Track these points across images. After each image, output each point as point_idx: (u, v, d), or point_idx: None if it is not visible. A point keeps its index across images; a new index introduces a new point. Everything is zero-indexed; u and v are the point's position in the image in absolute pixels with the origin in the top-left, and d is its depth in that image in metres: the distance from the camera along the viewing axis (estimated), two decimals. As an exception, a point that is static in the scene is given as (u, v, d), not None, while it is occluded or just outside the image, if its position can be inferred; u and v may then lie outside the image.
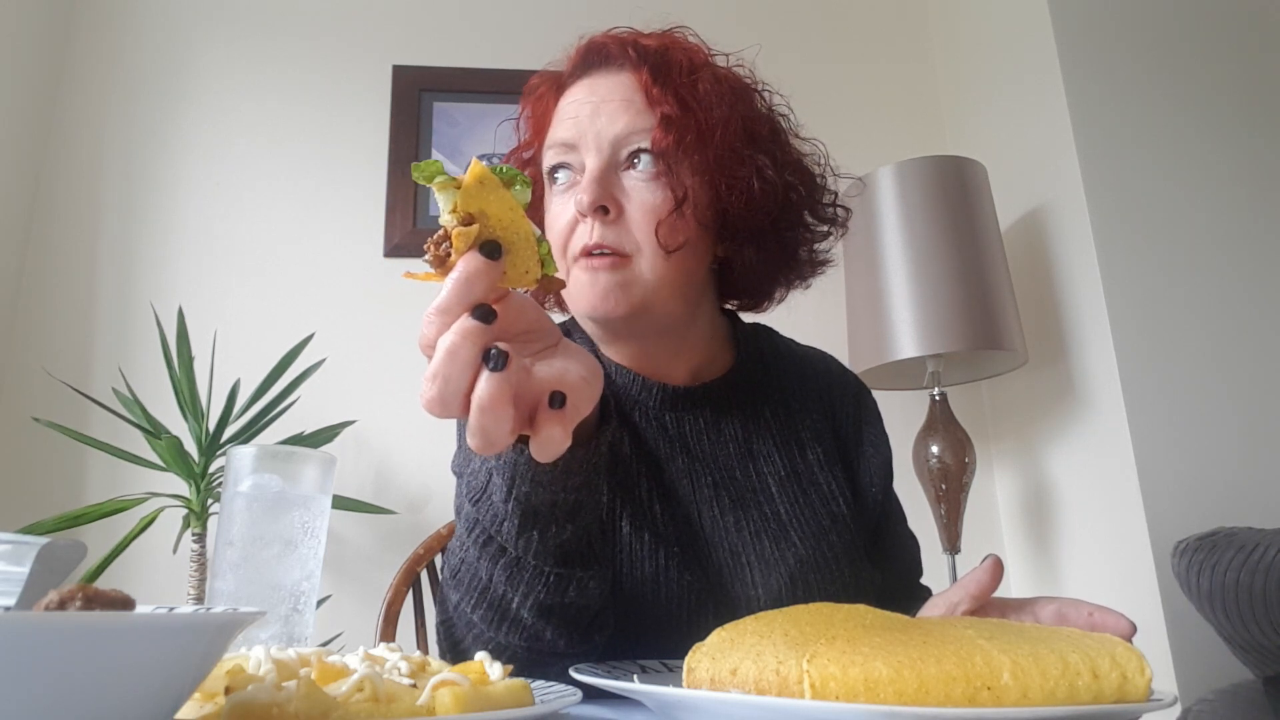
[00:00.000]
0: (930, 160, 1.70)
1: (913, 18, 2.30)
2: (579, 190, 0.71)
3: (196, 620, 0.31)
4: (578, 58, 0.80)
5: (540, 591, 0.57)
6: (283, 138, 2.01)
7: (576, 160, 0.74)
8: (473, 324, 0.41)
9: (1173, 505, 1.46)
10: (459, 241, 0.41)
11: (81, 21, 2.03)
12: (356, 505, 1.61)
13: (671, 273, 0.72)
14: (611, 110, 0.73)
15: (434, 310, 0.42)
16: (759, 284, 0.84)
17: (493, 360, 0.41)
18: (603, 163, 0.72)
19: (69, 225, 1.89)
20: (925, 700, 0.36)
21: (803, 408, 0.84)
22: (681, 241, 0.72)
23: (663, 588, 0.70)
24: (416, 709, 0.37)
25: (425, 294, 0.41)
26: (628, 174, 0.73)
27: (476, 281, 0.41)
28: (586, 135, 0.73)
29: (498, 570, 0.58)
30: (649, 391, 0.79)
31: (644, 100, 0.73)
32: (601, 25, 0.85)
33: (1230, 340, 1.58)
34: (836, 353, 1.62)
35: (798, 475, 0.80)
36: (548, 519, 0.54)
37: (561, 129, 0.76)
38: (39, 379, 1.77)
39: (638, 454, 0.77)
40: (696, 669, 0.44)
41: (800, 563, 0.74)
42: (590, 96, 0.75)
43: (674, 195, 0.71)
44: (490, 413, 0.41)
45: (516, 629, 0.60)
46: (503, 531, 0.56)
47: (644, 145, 0.72)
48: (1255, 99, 1.73)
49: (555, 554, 0.56)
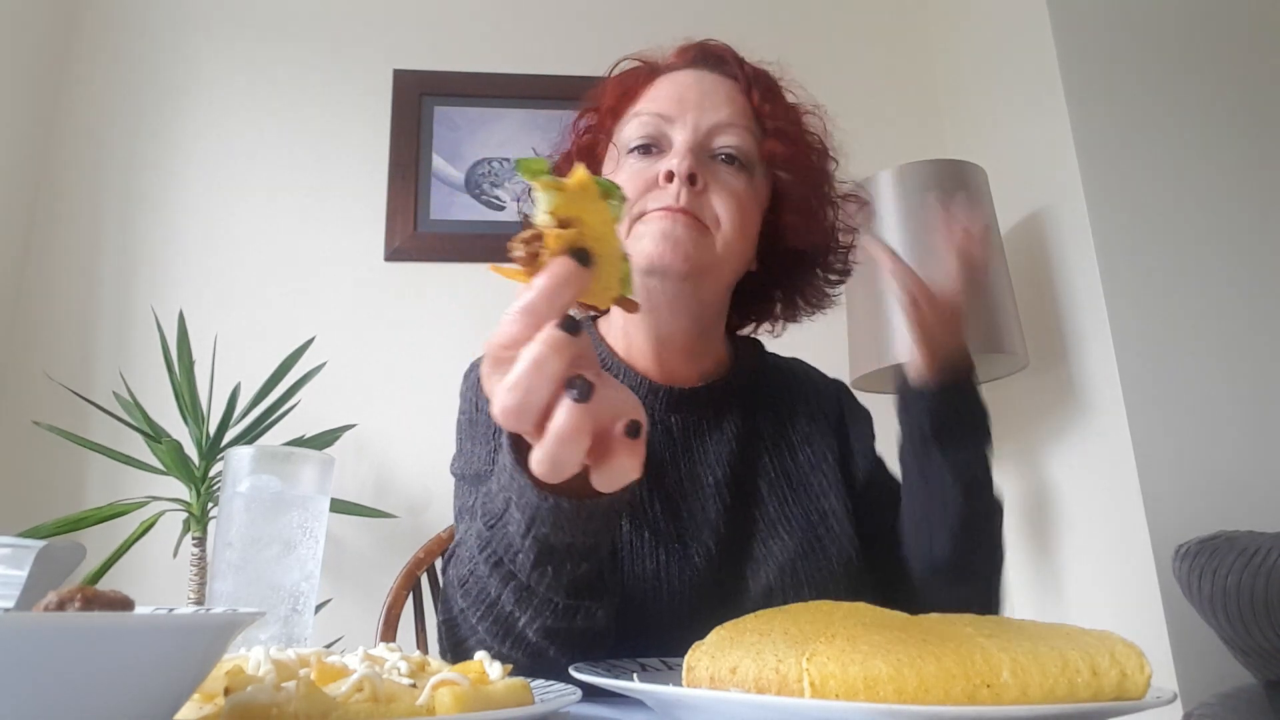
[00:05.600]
0: (930, 164, 1.70)
1: (913, 21, 2.30)
2: (673, 156, 0.75)
3: (196, 621, 0.31)
4: (689, 53, 0.84)
5: (548, 618, 0.57)
6: (284, 141, 2.01)
7: (665, 132, 0.78)
8: (561, 335, 0.39)
9: (1174, 509, 1.46)
10: (554, 242, 0.40)
11: (83, 27, 2.03)
12: (356, 509, 1.60)
13: (735, 255, 0.77)
14: (716, 101, 0.78)
15: (520, 310, 0.40)
16: (762, 308, 0.92)
17: (578, 390, 0.39)
18: (695, 142, 0.76)
19: (70, 229, 1.90)
20: (925, 698, 0.36)
21: (791, 413, 0.87)
22: (751, 233, 0.78)
23: (663, 585, 0.71)
24: (416, 709, 0.37)
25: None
26: (715, 161, 0.77)
27: (567, 286, 0.40)
28: (687, 113, 0.77)
29: (507, 591, 0.57)
30: (655, 394, 0.81)
31: (745, 106, 0.79)
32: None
33: (1231, 343, 1.58)
34: (837, 356, 1.61)
35: (788, 476, 0.82)
36: (563, 557, 0.53)
37: (659, 101, 0.79)
38: (40, 383, 1.77)
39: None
40: (696, 667, 0.44)
41: (788, 555, 0.76)
42: (698, 84, 0.80)
43: (755, 192, 0.78)
44: (569, 444, 0.40)
45: (520, 645, 0.60)
46: (516, 562, 0.55)
47: (737, 140, 0.77)
48: (1255, 102, 1.73)
49: (568, 588, 0.56)
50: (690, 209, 0.73)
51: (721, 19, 2.20)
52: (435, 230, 1.98)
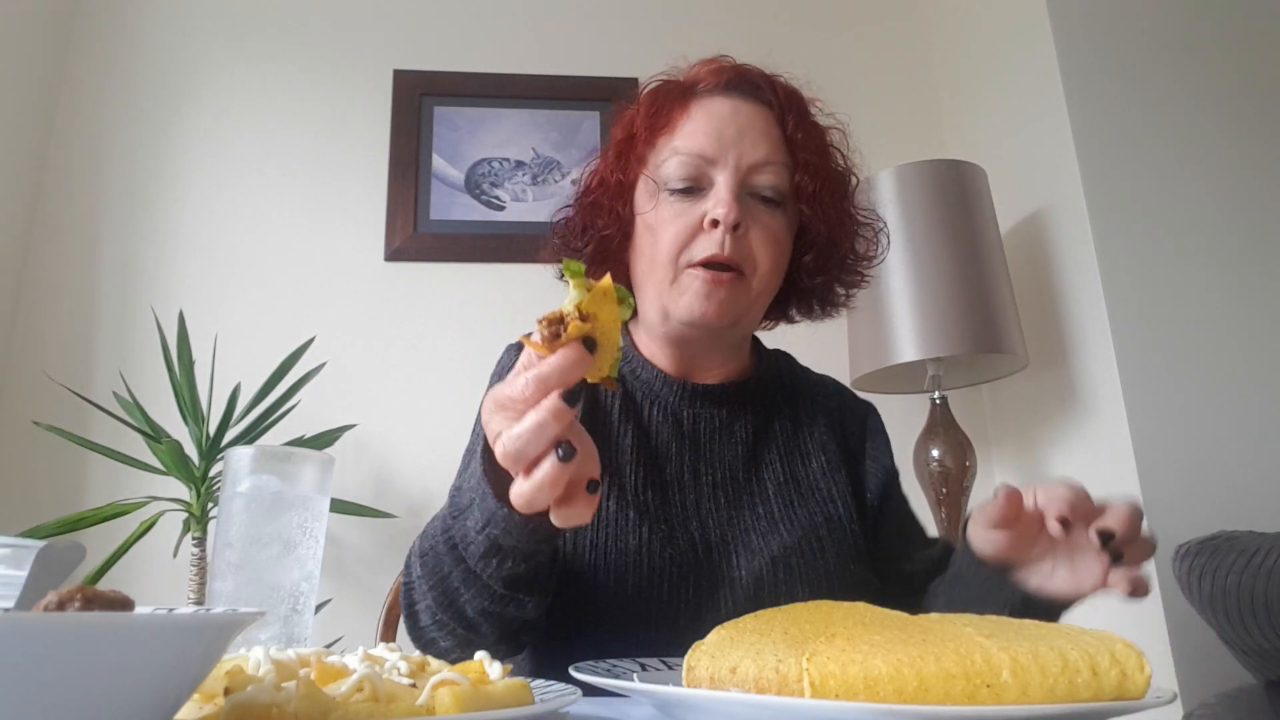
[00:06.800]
0: (930, 164, 1.70)
1: (912, 22, 2.30)
2: (718, 204, 0.77)
3: (195, 621, 0.31)
4: (724, 75, 0.85)
5: (486, 601, 0.64)
6: (284, 142, 2.01)
7: (706, 172, 0.80)
8: (562, 407, 0.48)
9: (1174, 509, 1.46)
10: (574, 330, 0.48)
11: (83, 27, 2.03)
12: (356, 509, 1.60)
13: (769, 291, 0.82)
14: (754, 137, 0.81)
15: (535, 377, 0.49)
16: (779, 313, 0.94)
17: (563, 452, 0.48)
18: (737, 183, 0.79)
19: (70, 229, 1.90)
20: (925, 698, 0.36)
21: (811, 423, 0.89)
22: (783, 265, 0.82)
23: (645, 560, 0.74)
24: (416, 709, 0.37)
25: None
26: (752, 199, 0.80)
27: (576, 368, 0.48)
28: (728, 154, 0.79)
29: (457, 571, 0.64)
30: (671, 388, 0.85)
31: (780, 138, 0.82)
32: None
33: (1231, 343, 1.58)
34: (838, 357, 1.61)
35: (797, 481, 0.84)
36: (506, 554, 0.61)
37: (699, 139, 0.81)
38: (40, 383, 1.77)
39: (637, 443, 0.82)
40: (696, 667, 0.44)
41: (784, 549, 0.77)
42: (735, 118, 0.81)
43: (789, 225, 0.82)
44: (546, 490, 0.49)
45: (459, 618, 0.66)
46: (469, 550, 0.62)
47: (774, 180, 0.80)
48: (1255, 102, 1.73)
49: (505, 580, 0.62)
50: (734, 257, 0.77)
51: (723, 20, 2.20)
52: (435, 230, 1.98)
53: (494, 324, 1.92)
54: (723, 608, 0.74)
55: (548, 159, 2.07)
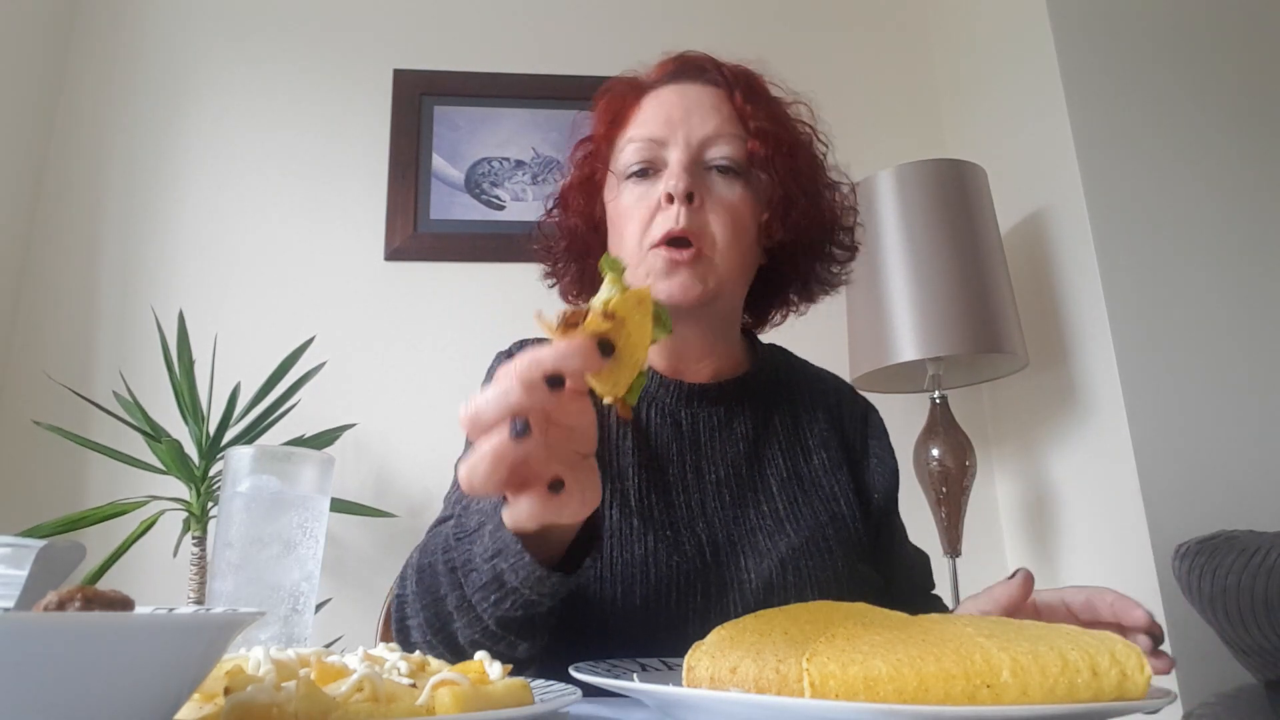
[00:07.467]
0: (930, 164, 1.70)
1: (912, 22, 2.30)
2: (669, 177, 0.79)
3: (195, 621, 0.31)
4: (669, 66, 0.87)
5: (477, 634, 0.61)
6: (284, 141, 2.01)
7: (659, 154, 0.81)
8: (535, 380, 0.43)
9: (1173, 508, 1.46)
10: (591, 324, 0.44)
11: (83, 27, 2.03)
12: (357, 508, 1.60)
13: (737, 266, 0.81)
14: (703, 113, 0.81)
15: (532, 359, 0.44)
16: (771, 299, 0.93)
17: (517, 428, 0.44)
18: (690, 158, 0.79)
19: (70, 228, 1.90)
20: (925, 698, 0.36)
21: (811, 418, 0.89)
22: (748, 238, 0.81)
23: (651, 569, 0.73)
24: (416, 709, 0.37)
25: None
26: (709, 173, 0.80)
27: (577, 358, 0.43)
28: (677, 132, 0.80)
29: (452, 595, 0.61)
30: (667, 389, 0.84)
31: (731, 112, 0.82)
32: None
33: (1231, 343, 1.58)
34: (838, 356, 1.62)
35: (800, 478, 0.83)
36: (507, 594, 0.57)
37: (650, 125, 0.82)
38: (40, 382, 1.77)
39: (638, 447, 0.81)
40: (696, 667, 0.44)
41: (793, 550, 0.76)
42: (683, 100, 0.83)
43: (751, 196, 0.81)
44: (487, 463, 0.44)
45: (448, 643, 0.64)
46: (469, 578, 0.59)
47: (728, 150, 0.80)
48: (1255, 102, 1.73)
49: (500, 620, 0.59)
50: (691, 230, 0.77)
51: (722, 20, 2.20)
52: (435, 230, 1.98)
53: (494, 324, 1.92)
54: (732, 614, 0.72)
55: (548, 159, 2.07)
